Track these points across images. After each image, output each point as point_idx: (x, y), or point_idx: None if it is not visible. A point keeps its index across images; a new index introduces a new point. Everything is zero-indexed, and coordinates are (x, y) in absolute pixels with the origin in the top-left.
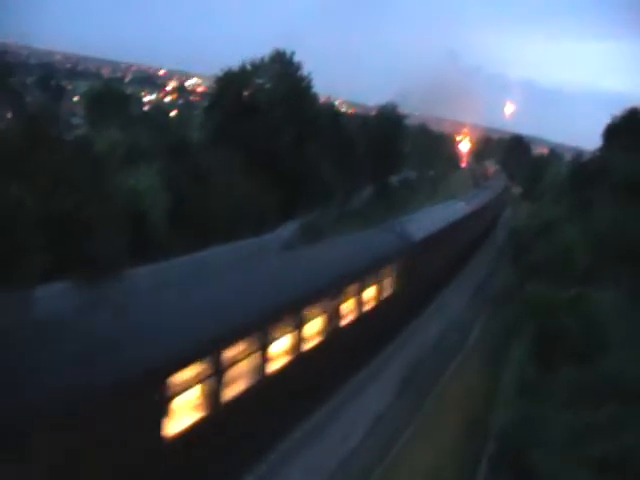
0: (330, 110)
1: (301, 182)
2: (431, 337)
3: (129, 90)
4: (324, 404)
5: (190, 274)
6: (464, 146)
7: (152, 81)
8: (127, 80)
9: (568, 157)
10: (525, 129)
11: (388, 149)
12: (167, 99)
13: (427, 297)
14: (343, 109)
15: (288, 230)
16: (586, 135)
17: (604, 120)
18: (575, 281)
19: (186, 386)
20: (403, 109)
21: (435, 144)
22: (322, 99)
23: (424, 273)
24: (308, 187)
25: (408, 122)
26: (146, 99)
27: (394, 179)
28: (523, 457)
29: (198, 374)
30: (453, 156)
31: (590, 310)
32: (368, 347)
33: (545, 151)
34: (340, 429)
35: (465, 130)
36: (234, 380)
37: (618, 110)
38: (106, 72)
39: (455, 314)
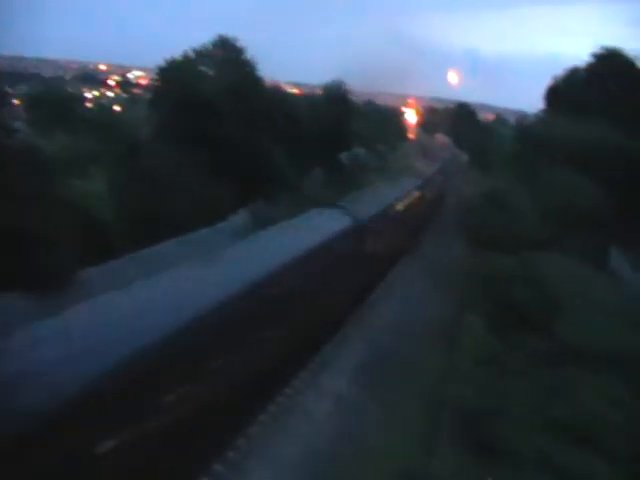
0: (277, 93)
1: (254, 171)
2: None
3: (71, 88)
4: None
5: None
6: (411, 118)
7: (94, 77)
8: (68, 78)
9: (513, 121)
10: (471, 97)
11: (337, 127)
12: (110, 94)
13: None
14: (289, 90)
15: (241, 217)
16: (530, 98)
17: (547, 82)
18: (526, 248)
19: None
20: (349, 86)
21: (382, 118)
22: (267, 82)
23: None
24: (261, 175)
25: (354, 98)
26: (89, 95)
27: (344, 157)
28: (484, 428)
29: None
30: (401, 129)
31: (542, 276)
32: None
33: (491, 117)
34: None
35: (411, 102)
36: None
37: (559, 71)
38: (47, 72)
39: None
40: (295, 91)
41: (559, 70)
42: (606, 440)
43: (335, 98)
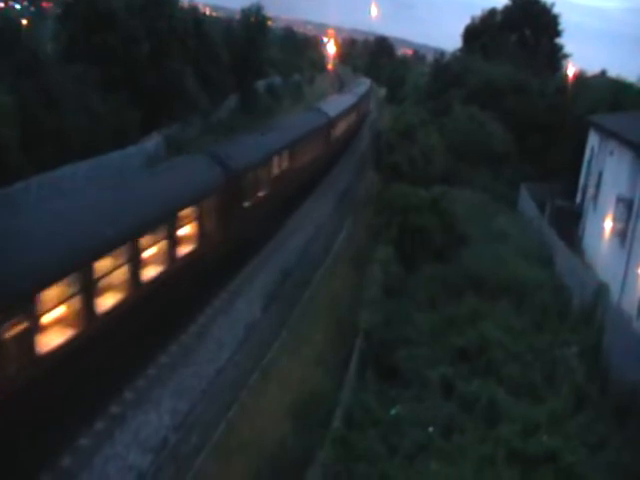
0: (193, 15)
1: (163, 95)
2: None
3: None
4: None
5: None
6: (330, 48)
7: None
8: None
9: (431, 58)
10: (390, 31)
11: (253, 54)
12: (17, 6)
13: None
14: (207, 13)
15: (152, 142)
16: (449, 36)
17: (466, 22)
18: (435, 182)
19: None
20: (267, 12)
21: (301, 47)
22: (184, 2)
23: None
24: (170, 100)
25: (273, 25)
26: None
27: (261, 84)
28: (389, 353)
29: None
30: (319, 59)
31: (449, 208)
32: None
33: (409, 52)
34: None
35: (331, 32)
36: None
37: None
38: None
39: (320, 219)
40: (213, 14)
41: (478, 11)
42: (503, 369)
43: (253, 23)
